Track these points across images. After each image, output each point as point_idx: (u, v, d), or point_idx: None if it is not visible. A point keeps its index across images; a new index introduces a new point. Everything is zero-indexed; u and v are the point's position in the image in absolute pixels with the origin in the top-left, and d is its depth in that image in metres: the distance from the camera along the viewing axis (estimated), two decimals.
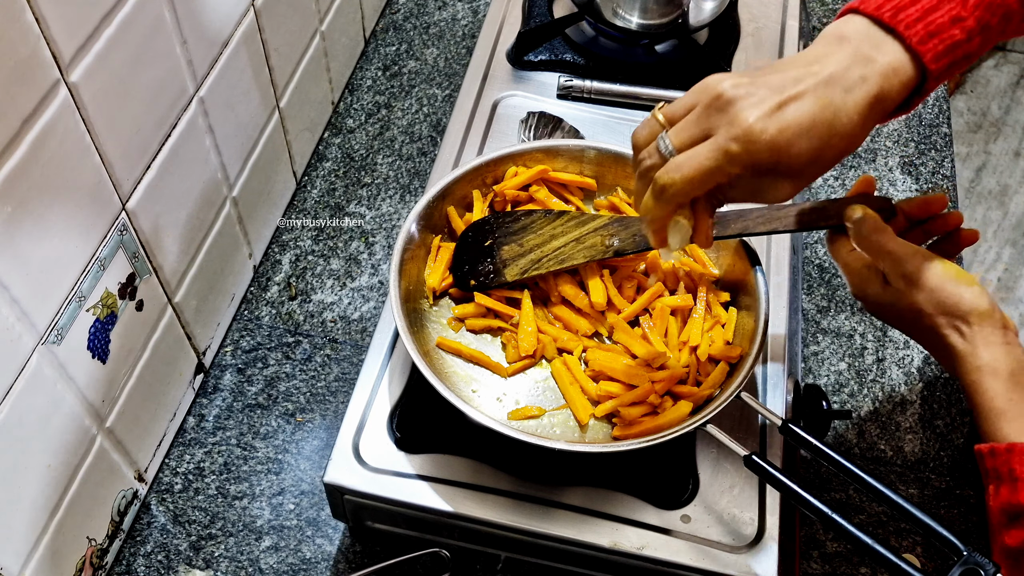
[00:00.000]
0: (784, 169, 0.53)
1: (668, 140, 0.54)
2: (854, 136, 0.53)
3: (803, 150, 0.52)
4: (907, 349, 0.88)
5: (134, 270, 0.69)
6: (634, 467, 0.68)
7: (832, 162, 0.54)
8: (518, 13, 1.01)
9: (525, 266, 0.70)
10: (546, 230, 0.71)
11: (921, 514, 0.56)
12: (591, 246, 0.69)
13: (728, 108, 0.52)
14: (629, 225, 0.69)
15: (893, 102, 0.54)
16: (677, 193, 0.54)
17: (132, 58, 0.63)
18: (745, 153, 0.51)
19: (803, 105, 0.51)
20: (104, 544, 0.73)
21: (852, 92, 0.52)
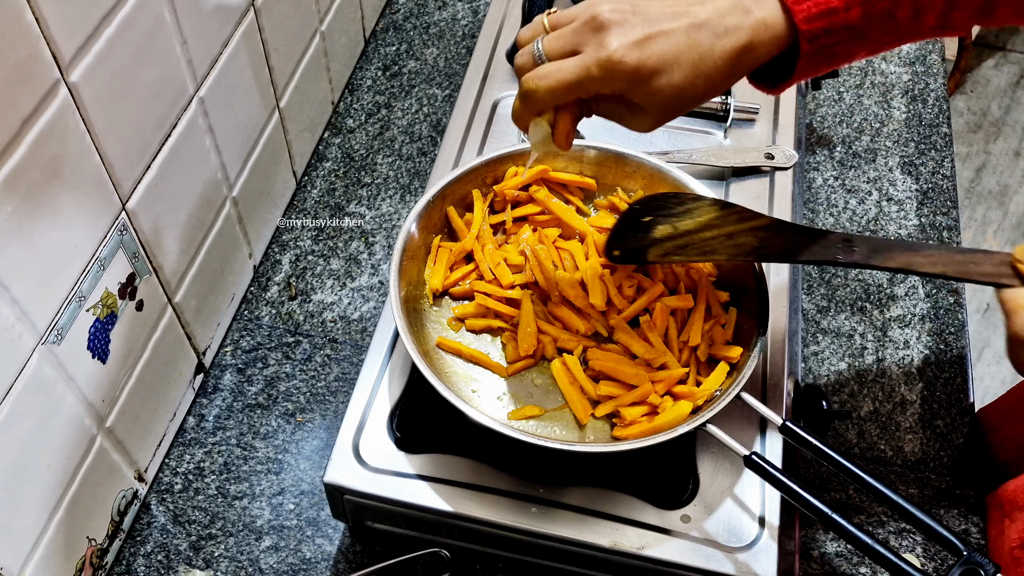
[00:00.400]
0: (643, 100, 0.55)
1: (541, 45, 0.58)
2: (716, 82, 0.55)
3: (662, 85, 0.54)
4: (907, 349, 0.88)
5: (134, 270, 0.69)
6: (634, 467, 0.68)
7: (692, 103, 0.56)
8: (518, 13, 1.01)
9: (669, 249, 0.68)
10: (704, 218, 0.67)
11: (921, 514, 0.56)
12: (739, 244, 0.66)
13: (600, 31, 0.54)
14: (784, 233, 0.66)
15: (761, 56, 0.55)
16: (539, 100, 0.57)
17: (132, 58, 0.63)
18: (606, 76, 0.54)
19: (670, 41, 0.54)
20: (104, 544, 0.73)
21: (722, 39, 0.54)
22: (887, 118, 1.07)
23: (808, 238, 0.64)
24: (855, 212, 0.98)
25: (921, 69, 1.12)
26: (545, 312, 0.73)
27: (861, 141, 1.05)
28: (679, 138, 0.90)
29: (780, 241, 0.65)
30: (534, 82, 0.57)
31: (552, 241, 0.76)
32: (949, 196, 1.00)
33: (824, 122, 1.07)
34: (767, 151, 0.87)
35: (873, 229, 0.97)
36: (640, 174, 0.79)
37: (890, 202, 0.99)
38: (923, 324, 0.90)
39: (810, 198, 0.99)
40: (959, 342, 0.89)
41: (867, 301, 0.92)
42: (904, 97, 1.09)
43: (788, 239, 0.65)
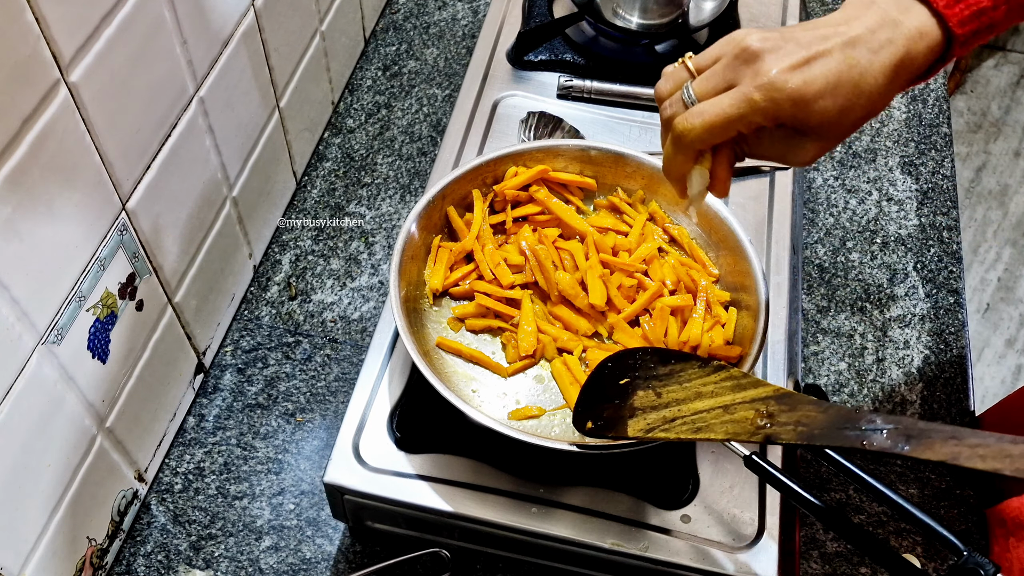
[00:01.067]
0: (806, 126, 0.53)
1: (692, 89, 0.55)
2: (878, 98, 0.53)
3: (827, 107, 0.52)
4: (907, 349, 0.88)
5: (134, 270, 0.69)
6: (634, 467, 0.68)
7: (855, 124, 0.54)
8: (518, 13, 1.01)
9: (653, 423, 0.58)
10: (694, 384, 0.59)
11: (921, 514, 0.56)
12: (739, 420, 0.56)
13: (754, 60, 0.52)
14: (796, 407, 0.55)
15: (919, 67, 0.54)
16: (695, 139, 0.54)
17: (132, 58, 0.63)
18: (768, 103, 0.52)
19: (829, 62, 0.52)
20: (104, 544, 0.73)
21: (878, 54, 0.52)
22: (887, 118, 1.07)
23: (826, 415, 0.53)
24: (855, 212, 0.98)
25: None
26: (545, 312, 0.73)
27: (861, 141, 1.05)
28: None
29: (791, 418, 0.55)
30: (688, 122, 0.54)
31: (552, 241, 0.76)
32: (949, 196, 1.00)
33: None
34: None
35: (873, 229, 0.97)
36: (640, 174, 0.79)
37: (890, 202, 0.99)
38: (923, 324, 0.90)
39: (810, 198, 0.99)
40: (959, 342, 0.89)
41: (867, 301, 0.92)
42: (904, 97, 1.09)
43: (801, 415, 0.54)
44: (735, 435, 0.55)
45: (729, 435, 0.55)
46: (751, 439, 0.54)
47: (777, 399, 0.56)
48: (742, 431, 0.55)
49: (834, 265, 0.94)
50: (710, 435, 0.56)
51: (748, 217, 0.83)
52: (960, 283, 0.93)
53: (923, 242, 0.96)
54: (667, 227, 0.78)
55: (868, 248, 0.96)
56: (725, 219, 0.75)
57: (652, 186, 0.79)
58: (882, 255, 0.95)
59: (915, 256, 0.95)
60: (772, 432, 0.54)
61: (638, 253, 0.75)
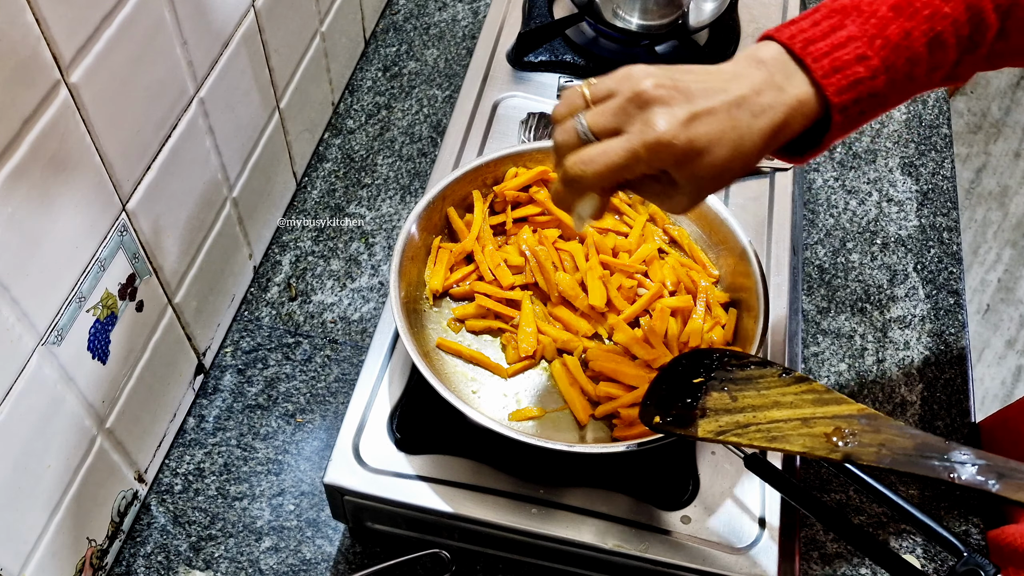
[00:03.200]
0: (684, 179, 0.54)
1: (584, 121, 0.56)
2: (751, 159, 0.54)
3: (705, 164, 0.53)
4: (907, 350, 0.88)
5: (134, 271, 0.69)
6: (634, 468, 0.68)
7: (727, 182, 0.55)
8: (518, 14, 1.01)
9: (725, 427, 0.57)
10: (772, 392, 0.58)
11: (921, 514, 0.56)
12: (817, 435, 0.54)
13: (645, 108, 0.53)
14: (880, 429, 0.53)
15: (793, 132, 0.55)
16: (586, 185, 0.55)
17: (132, 59, 0.63)
18: (653, 158, 0.53)
19: (714, 121, 0.53)
20: (104, 545, 0.73)
21: (759, 118, 0.53)
22: (887, 119, 1.07)
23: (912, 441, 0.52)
24: (855, 213, 0.98)
25: None
26: (545, 313, 0.73)
27: (861, 142, 1.05)
28: None
29: (874, 440, 0.53)
30: (580, 168, 0.55)
31: (552, 242, 0.76)
32: (949, 197, 1.00)
33: None
34: None
35: (873, 230, 0.97)
36: None
37: (890, 203, 0.99)
38: (923, 325, 0.90)
39: (810, 199, 0.99)
40: (959, 343, 0.89)
41: (867, 302, 0.92)
42: None
43: (885, 438, 0.53)
44: (812, 449, 0.54)
45: (806, 448, 0.54)
46: (829, 455, 0.53)
47: (861, 418, 0.54)
48: (819, 446, 0.54)
49: (834, 266, 0.94)
50: (785, 446, 0.55)
51: (748, 218, 0.83)
52: (960, 284, 0.93)
53: (923, 243, 0.96)
54: (667, 228, 0.78)
55: (868, 249, 0.96)
56: (725, 220, 0.75)
57: None
58: (882, 256, 0.95)
59: (915, 257, 0.95)
60: (853, 452, 0.52)
61: (638, 254, 0.75)
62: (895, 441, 0.52)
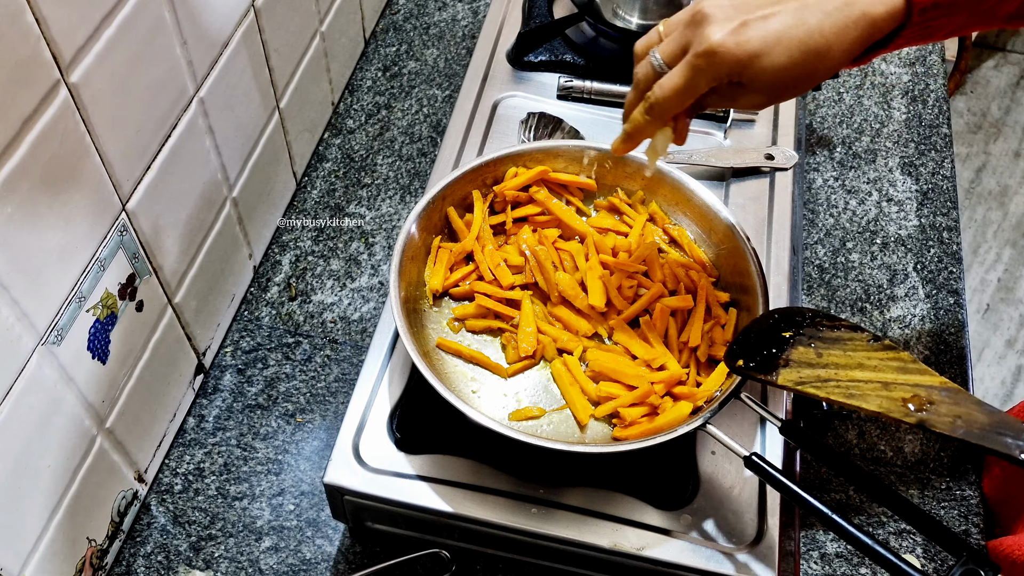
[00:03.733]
0: (750, 81, 0.57)
1: (657, 53, 0.60)
2: (832, 58, 0.56)
3: (765, 66, 0.56)
4: (907, 350, 0.88)
5: (134, 271, 0.69)
6: (634, 468, 0.68)
7: (807, 80, 0.57)
8: (518, 14, 1.01)
9: (805, 379, 0.59)
10: (859, 355, 0.59)
11: (921, 515, 0.56)
12: (895, 399, 0.56)
13: (700, 24, 0.57)
14: (959, 403, 0.55)
15: (879, 30, 0.57)
16: (663, 111, 0.60)
17: (132, 58, 0.63)
18: (710, 68, 0.57)
19: (771, 23, 0.55)
20: (104, 544, 0.73)
21: (831, 16, 0.55)
22: (887, 119, 1.07)
23: (988, 417, 0.53)
24: (855, 212, 0.98)
25: (921, 70, 1.12)
26: (545, 313, 0.73)
27: (861, 142, 1.05)
28: None
29: (951, 412, 0.54)
30: (657, 95, 0.59)
31: (552, 242, 0.76)
32: (949, 197, 1.00)
33: (824, 123, 1.07)
34: (767, 152, 0.87)
35: (873, 230, 0.97)
36: (640, 175, 0.79)
37: (890, 203, 0.99)
38: (923, 324, 0.90)
39: (810, 199, 0.99)
40: (959, 342, 0.89)
41: (867, 302, 0.92)
42: (904, 98, 1.09)
43: (963, 411, 0.54)
44: (888, 411, 0.55)
45: (882, 409, 0.55)
46: (904, 419, 0.54)
47: (942, 390, 0.56)
48: (895, 409, 0.55)
49: (834, 266, 0.94)
50: (862, 404, 0.56)
51: (748, 217, 0.83)
52: (960, 284, 0.93)
53: (923, 243, 0.96)
54: (667, 228, 0.78)
55: (868, 249, 0.96)
56: (725, 219, 0.75)
57: (652, 186, 0.79)
58: (882, 256, 0.95)
59: (915, 257, 0.95)
60: (928, 419, 0.54)
61: (638, 254, 0.75)
62: (972, 415, 0.53)
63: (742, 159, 0.86)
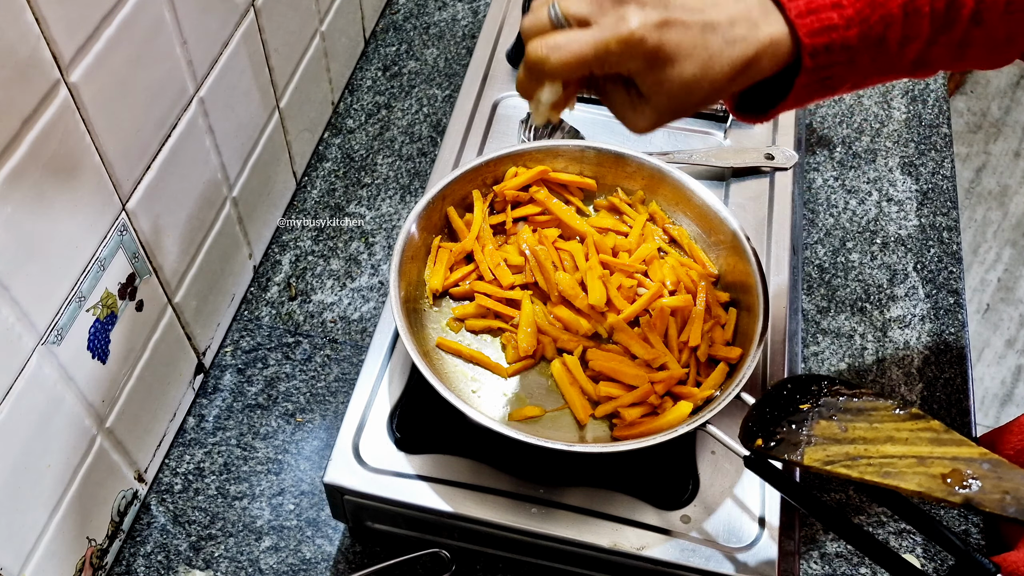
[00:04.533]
0: (650, 88, 0.53)
1: (559, 6, 0.54)
2: (718, 87, 0.53)
3: (673, 76, 0.52)
4: (906, 349, 0.88)
5: (134, 270, 0.69)
6: (634, 467, 0.68)
7: (692, 106, 0.54)
8: (518, 13, 1.01)
9: (834, 456, 0.54)
10: (886, 427, 0.55)
11: (921, 514, 0.56)
12: (934, 476, 0.51)
13: (622, 4, 0.52)
14: (1003, 476, 0.50)
15: (762, 71, 0.54)
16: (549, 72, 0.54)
17: (132, 58, 0.63)
18: (623, 52, 0.52)
19: (687, 33, 0.52)
20: (104, 544, 0.73)
21: (730, 46, 0.53)
22: (887, 118, 1.07)
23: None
24: (855, 212, 0.98)
25: None
26: (545, 312, 0.73)
27: (861, 141, 1.05)
28: (679, 138, 0.90)
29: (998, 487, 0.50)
30: (545, 51, 0.53)
31: (552, 241, 0.76)
32: (949, 196, 1.00)
33: (824, 122, 1.07)
34: (767, 151, 0.87)
35: (873, 230, 0.97)
36: (640, 174, 0.79)
37: (890, 202, 0.99)
38: (923, 325, 0.90)
39: (810, 198, 0.99)
40: (959, 342, 0.89)
41: (867, 302, 0.92)
42: (904, 97, 1.09)
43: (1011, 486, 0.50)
44: (929, 490, 0.51)
45: (923, 488, 0.51)
46: (949, 499, 0.50)
47: (983, 462, 0.51)
48: (937, 488, 0.51)
49: (834, 265, 0.94)
50: (900, 483, 0.52)
51: (748, 217, 0.83)
52: (960, 284, 0.93)
53: (923, 242, 0.96)
54: (667, 227, 0.78)
55: (868, 248, 0.96)
56: (725, 219, 0.75)
57: (652, 186, 0.79)
58: (882, 255, 0.95)
59: (915, 256, 0.95)
60: (974, 498, 0.50)
61: (638, 254, 0.75)
62: (1020, 490, 0.49)
63: (742, 159, 0.86)
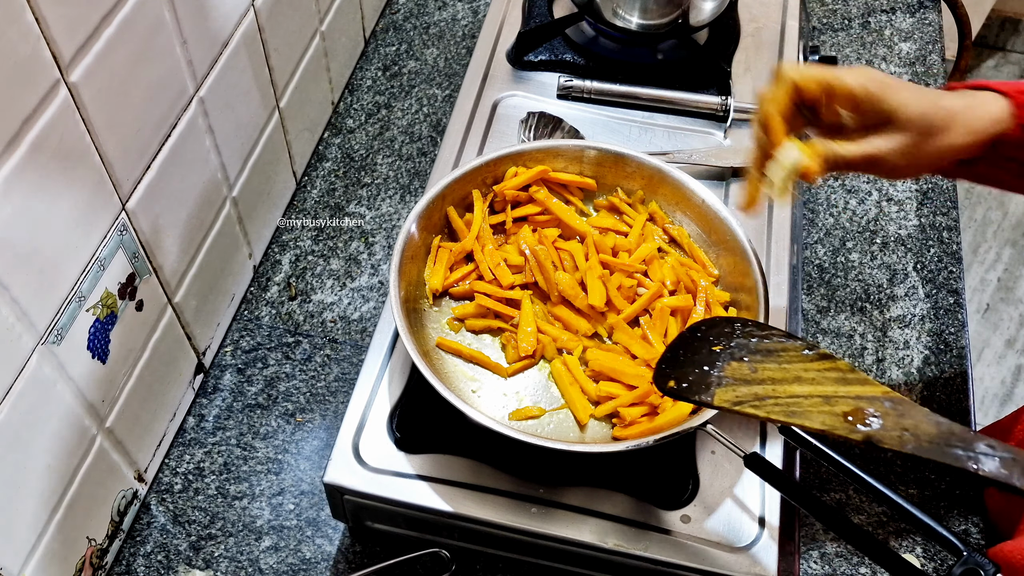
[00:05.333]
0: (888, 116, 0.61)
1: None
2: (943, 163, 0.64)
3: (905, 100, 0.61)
4: (906, 349, 0.88)
5: (134, 270, 0.69)
6: (634, 467, 0.68)
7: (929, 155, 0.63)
8: (518, 13, 1.01)
9: (743, 397, 0.56)
10: (795, 367, 0.56)
11: (921, 514, 0.56)
12: (838, 414, 0.53)
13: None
14: (905, 413, 0.52)
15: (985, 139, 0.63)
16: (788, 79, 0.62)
17: (132, 58, 0.63)
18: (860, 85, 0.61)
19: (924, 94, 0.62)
20: (104, 544, 0.73)
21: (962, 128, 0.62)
22: None
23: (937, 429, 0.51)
24: (855, 212, 0.98)
25: (921, 69, 1.12)
26: (545, 312, 0.73)
27: None
28: (679, 138, 0.90)
29: (898, 424, 0.51)
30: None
31: (552, 241, 0.76)
32: (949, 196, 1.00)
33: None
34: None
35: (873, 229, 0.97)
36: (640, 174, 0.79)
37: (890, 202, 0.99)
38: (923, 324, 0.90)
39: (810, 198, 0.99)
40: (959, 342, 0.89)
41: (867, 301, 0.92)
42: None
43: (910, 424, 0.51)
44: (832, 428, 0.52)
45: (826, 426, 0.52)
46: (849, 436, 0.51)
47: (886, 401, 0.53)
48: (840, 425, 0.52)
49: (834, 265, 0.94)
50: (804, 422, 0.53)
51: (748, 217, 0.83)
52: (960, 283, 0.93)
53: (923, 242, 0.96)
54: (667, 227, 0.78)
55: (868, 248, 0.96)
56: (725, 219, 0.75)
57: (652, 186, 0.79)
58: (882, 255, 0.95)
59: (915, 256, 0.95)
60: (874, 434, 0.51)
61: (638, 253, 0.75)
62: (920, 427, 0.50)
63: (742, 159, 0.86)
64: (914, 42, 1.16)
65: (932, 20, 1.18)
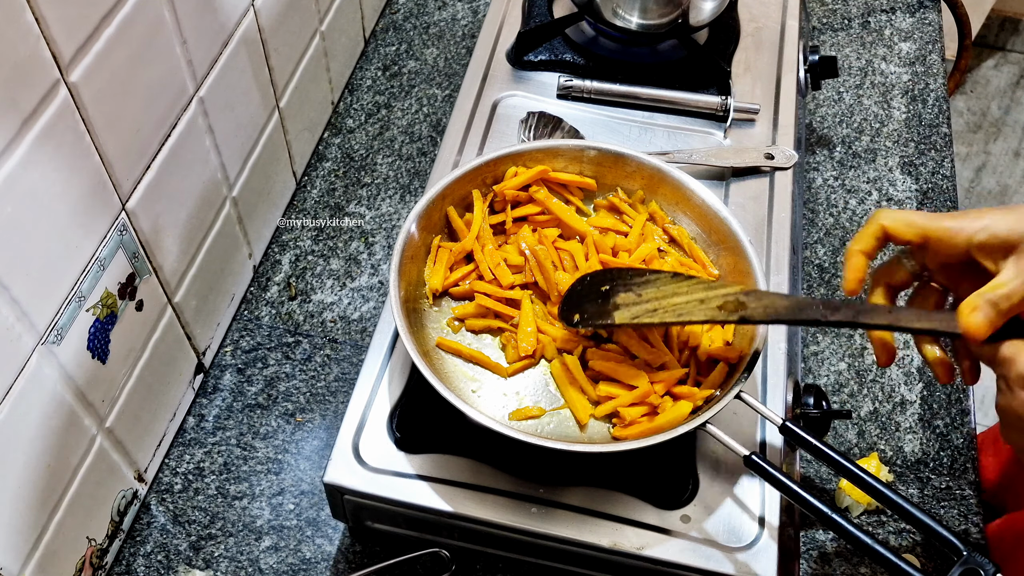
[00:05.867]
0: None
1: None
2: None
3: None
4: (907, 349, 0.88)
5: (134, 270, 0.69)
6: (634, 467, 0.68)
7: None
8: (518, 13, 1.01)
9: (638, 314, 0.67)
10: (669, 287, 0.68)
11: (921, 514, 0.56)
12: (714, 308, 0.65)
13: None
14: (761, 297, 0.64)
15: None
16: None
17: (132, 58, 0.63)
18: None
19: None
20: (104, 544, 0.73)
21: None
22: (887, 118, 1.07)
23: (788, 301, 0.63)
24: (855, 212, 0.98)
25: (921, 69, 1.12)
26: (545, 312, 0.73)
27: (861, 141, 1.05)
28: (679, 138, 0.90)
29: (760, 304, 0.64)
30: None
31: (552, 241, 0.76)
32: (949, 196, 1.00)
33: (824, 122, 1.07)
34: (767, 151, 0.87)
35: None
36: (640, 174, 0.79)
37: (890, 202, 0.99)
38: None
39: (810, 198, 0.99)
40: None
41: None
42: (904, 97, 1.09)
43: (768, 303, 0.64)
44: (714, 318, 0.65)
45: (708, 317, 0.65)
46: (728, 319, 0.64)
47: (746, 293, 0.65)
48: (719, 316, 0.65)
49: (834, 265, 0.94)
50: (692, 318, 0.65)
51: (748, 217, 0.83)
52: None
53: None
54: (667, 227, 0.78)
55: None
56: (725, 219, 0.75)
57: (652, 186, 0.79)
58: (882, 255, 0.95)
59: None
60: (746, 314, 0.64)
61: (638, 253, 0.75)
62: (776, 303, 0.63)
63: (742, 159, 0.86)
64: (914, 42, 1.16)
65: (932, 20, 1.18)
